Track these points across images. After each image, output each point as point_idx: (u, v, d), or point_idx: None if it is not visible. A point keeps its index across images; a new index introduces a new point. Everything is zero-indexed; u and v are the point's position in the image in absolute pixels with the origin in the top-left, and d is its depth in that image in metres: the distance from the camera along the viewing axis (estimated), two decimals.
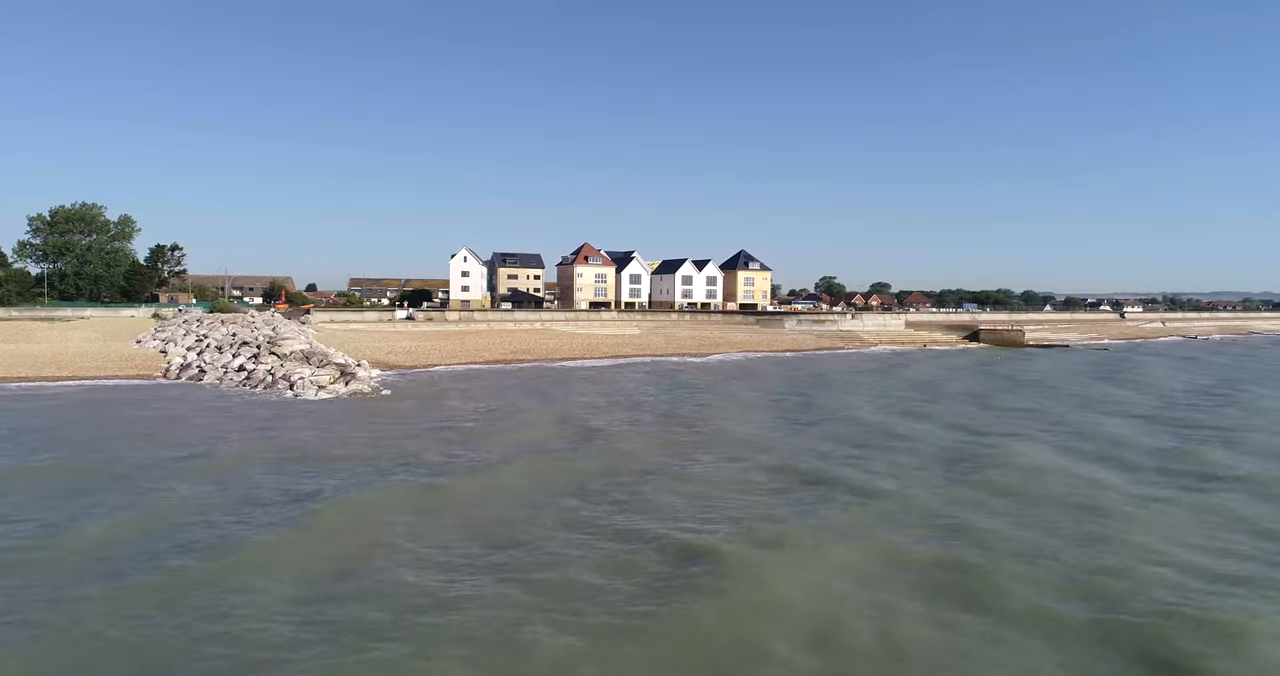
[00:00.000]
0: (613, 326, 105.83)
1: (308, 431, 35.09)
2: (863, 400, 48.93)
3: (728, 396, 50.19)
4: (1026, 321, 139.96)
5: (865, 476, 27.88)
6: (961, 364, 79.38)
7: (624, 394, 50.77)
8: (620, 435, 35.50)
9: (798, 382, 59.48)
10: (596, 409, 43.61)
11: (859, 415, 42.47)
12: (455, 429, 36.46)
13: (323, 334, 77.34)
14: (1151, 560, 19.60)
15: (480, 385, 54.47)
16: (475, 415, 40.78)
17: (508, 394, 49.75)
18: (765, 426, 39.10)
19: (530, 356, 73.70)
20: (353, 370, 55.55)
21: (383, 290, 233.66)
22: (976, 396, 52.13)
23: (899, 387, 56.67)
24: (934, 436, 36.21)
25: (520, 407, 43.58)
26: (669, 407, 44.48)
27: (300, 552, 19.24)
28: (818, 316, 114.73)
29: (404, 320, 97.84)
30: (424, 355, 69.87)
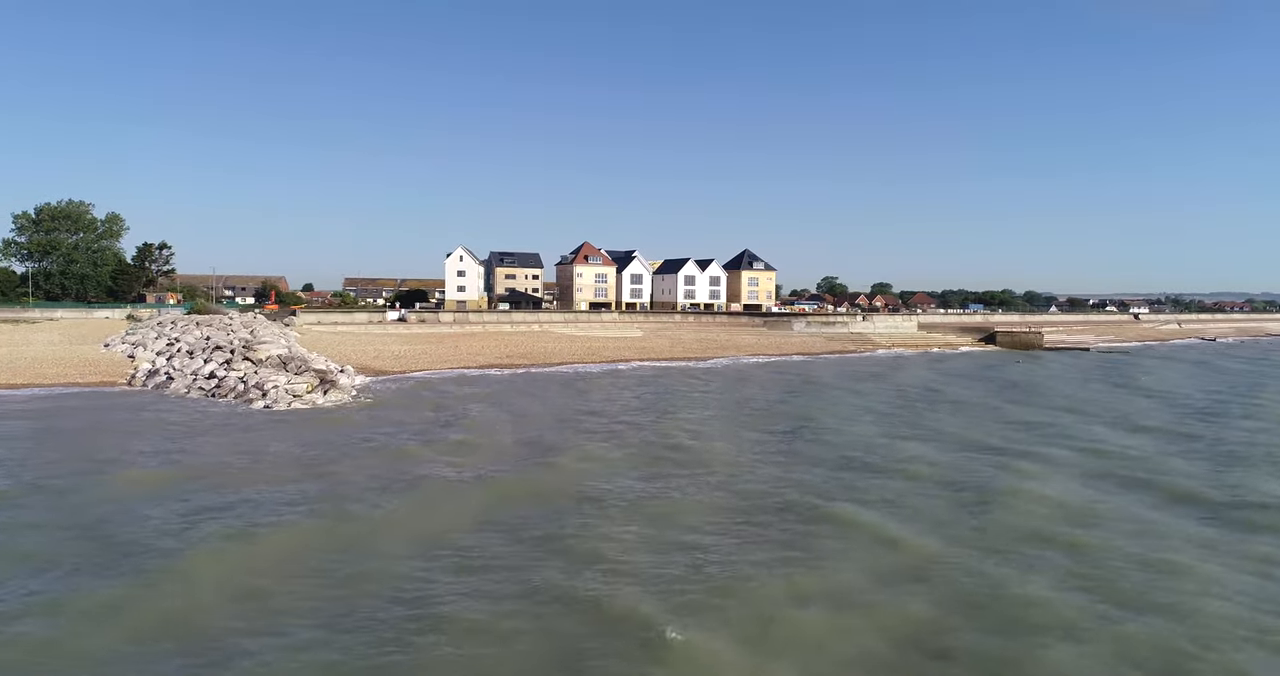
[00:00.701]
0: (614, 328, 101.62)
1: (242, 451, 30.96)
2: (879, 414, 44.74)
3: (730, 407, 46.01)
4: (1040, 323, 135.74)
5: (868, 516, 23.48)
6: (980, 369, 75.12)
7: (620, 404, 46.56)
8: (593, 457, 31.35)
9: (807, 392, 55.25)
10: (582, 423, 39.44)
11: (873, 435, 38.27)
12: (413, 446, 32.45)
13: (307, 337, 73.12)
14: (1238, 637, 15.44)
15: (467, 393, 50.34)
16: (444, 428, 36.70)
17: (493, 403, 45.58)
18: (768, 448, 34.88)
19: (526, 360, 69.50)
20: (333, 377, 51.39)
21: (378, 290, 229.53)
22: (998, 409, 47.86)
23: (917, 397, 52.44)
24: (957, 462, 31.93)
25: (498, 419, 39.46)
26: (660, 420, 40.33)
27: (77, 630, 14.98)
28: (827, 318, 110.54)
29: (395, 322, 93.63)
30: (414, 359, 65.68)
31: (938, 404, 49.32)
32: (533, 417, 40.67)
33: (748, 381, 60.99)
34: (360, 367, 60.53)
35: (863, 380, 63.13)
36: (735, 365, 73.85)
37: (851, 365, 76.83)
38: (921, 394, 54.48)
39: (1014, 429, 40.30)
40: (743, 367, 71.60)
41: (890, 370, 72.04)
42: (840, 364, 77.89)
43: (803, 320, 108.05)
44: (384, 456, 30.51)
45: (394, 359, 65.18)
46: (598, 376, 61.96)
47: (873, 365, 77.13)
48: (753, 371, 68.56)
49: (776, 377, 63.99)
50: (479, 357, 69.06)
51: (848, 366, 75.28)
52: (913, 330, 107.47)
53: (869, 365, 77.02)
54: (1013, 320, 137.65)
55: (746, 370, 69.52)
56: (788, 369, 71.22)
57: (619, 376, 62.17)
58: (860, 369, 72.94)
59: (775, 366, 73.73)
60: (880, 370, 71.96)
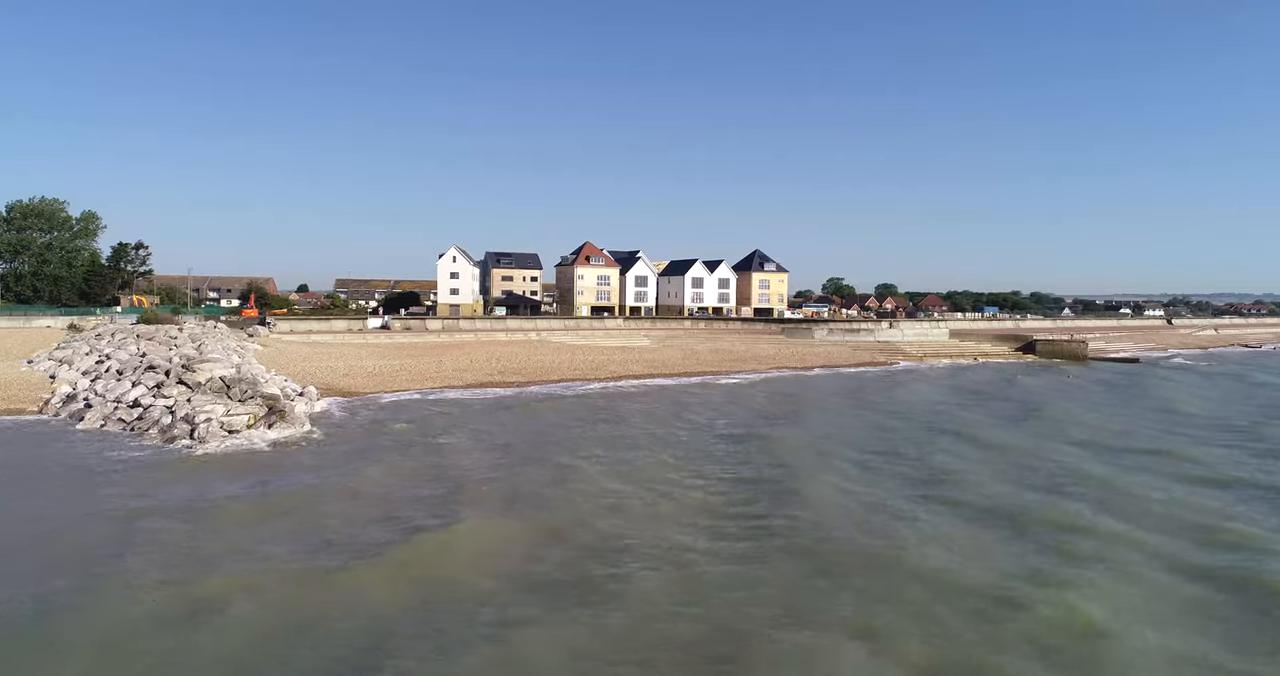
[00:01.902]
0: (618, 336, 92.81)
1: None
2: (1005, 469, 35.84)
3: (762, 452, 37.18)
4: (1073, 328, 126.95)
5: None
6: (1057, 389, 66.14)
7: (643, 450, 37.65)
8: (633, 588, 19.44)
9: (900, 432, 46.40)
10: (601, 493, 30.58)
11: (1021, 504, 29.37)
12: (338, 540, 23.52)
13: (272, 350, 64.27)
14: None
15: (444, 424, 41.60)
16: (401, 498, 27.76)
17: (475, 441, 36.78)
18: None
19: (519, 377, 60.68)
20: (284, 404, 42.60)
21: (370, 291, 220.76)
22: (1131, 452, 39.04)
23: (1100, 450, 43.54)
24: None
25: (476, 478, 30.58)
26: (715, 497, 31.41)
27: None
28: (850, 325, 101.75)
29: (378, 330, 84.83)
30: (390, 377, 56.88)
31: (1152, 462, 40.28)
32: (525, 473, 31.78)
33: (786, 409, 52.10)
34: (325, 388, 51.78)
35: (941, 408, 54.25)
36: (760, 381, 64.99)
37: (898, 383, 67.92)
38: (1069, 438, 45.59)
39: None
40: (772, 385, 62.74)
41: (957, 393, 63.11)
42: (881, 381, 68.95)
43: (824, 327, 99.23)
44: (274, 578, 19.61)
45: (367, 376, 56.37)
46: (605, 398, 53.16)
47: (923, 383, 68.21)
48: (785, 390, 59.68)
49: (823, 401, 55.04)
50: (465, 374, 60.25)
51: (894, 385, 66.35)
52: (944, 338, 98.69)
53: (919, 383, 68.10)
54: (1045, 326, 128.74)
55: (776, 388, 60.65)
56: (823, 387, 62.33)
57: (629, 399, 53.32)
58: (913, 388, 64.03)
59: (807, 384, 64.82)
60: (945, 394, 63.03)
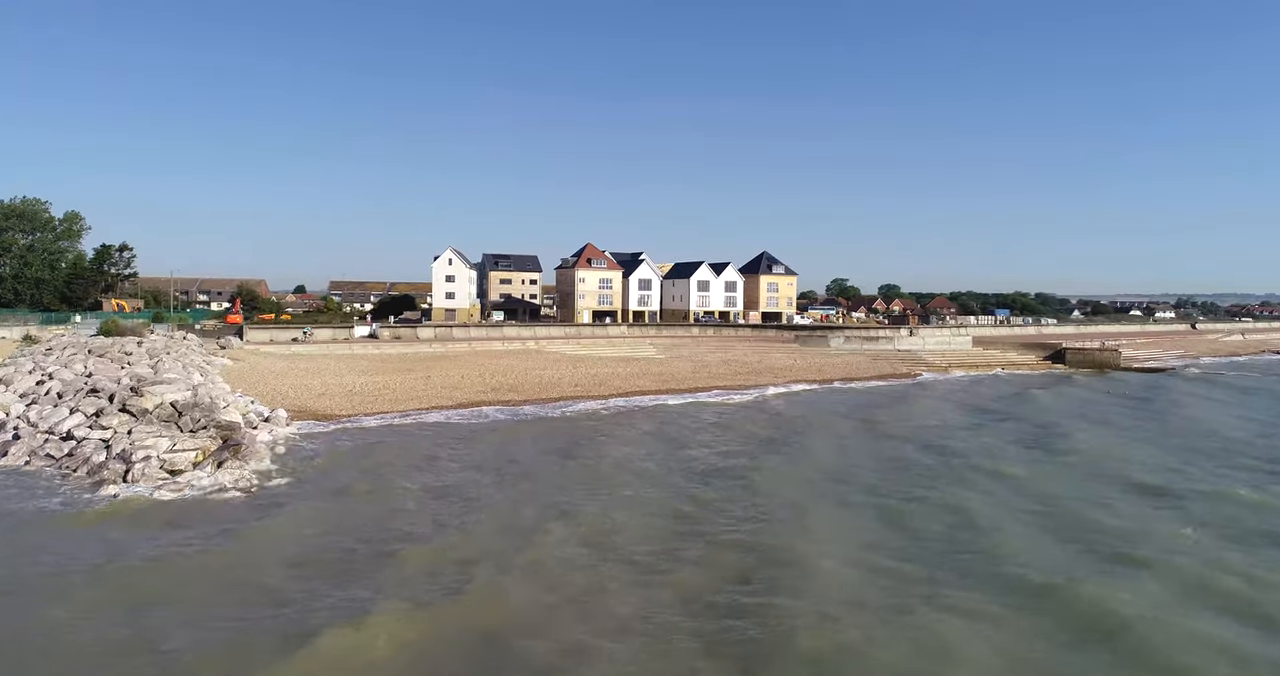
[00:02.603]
0: (623, 346, 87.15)
1: None
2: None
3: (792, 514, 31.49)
4: (1097, 335, 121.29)
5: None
6: (1113, 405, 60.46)
7: (617, 488, 31.94)
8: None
9: (879, 459, 40.74)
10: (629, 568, 24.94)
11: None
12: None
13: (243, 365, 58.60)
14: None
15: (416, 457, 36.08)
16: (312, 552, 22.22)
17: (436, 483, 31.12)
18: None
19: (515, 395, 55.04)
20: (243, 434, 37.01)
21: (365, 294, 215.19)
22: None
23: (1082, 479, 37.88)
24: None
25: (460, 553, 24.84)
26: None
27: None
28: (867, 333, 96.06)
29: (365, 339, 79.16)
30: (371, 397, 51.21)
31: None
32: (485, 539, 26.05)
33: (803, 437, 46.42)
34: (297, 410, 46.15)
35: (989, 428, 48.57)
36: (775, 397, 59.35)
37: (923, 400, 62.23)
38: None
39: None
40: (789, 403, 57.07)
41: (993, 415, 57.45)
42: (906, 398, 63.24)
43: (840, 335, 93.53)
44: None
45: (346, 396, 50.71)
46: (606, 422, 47.48)
47: (952, 401, 62.53)
48: (803, 410, 53.97)
49: (845, 427, 49.36)
50: (456, 392, 54.58)
51: (920, 403, 60.66)
52: (967, 347, 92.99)
53: (947, 401, 62.42)
54: (1068, 332, 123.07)
55: (794, 407, 54.96)
56: (845, 405, 56.63)
57: (633, 422, 47.66)
58: (941, 409, 58.36)
59: (826, 401, 59.13)
60: (979, 417, 57.36)
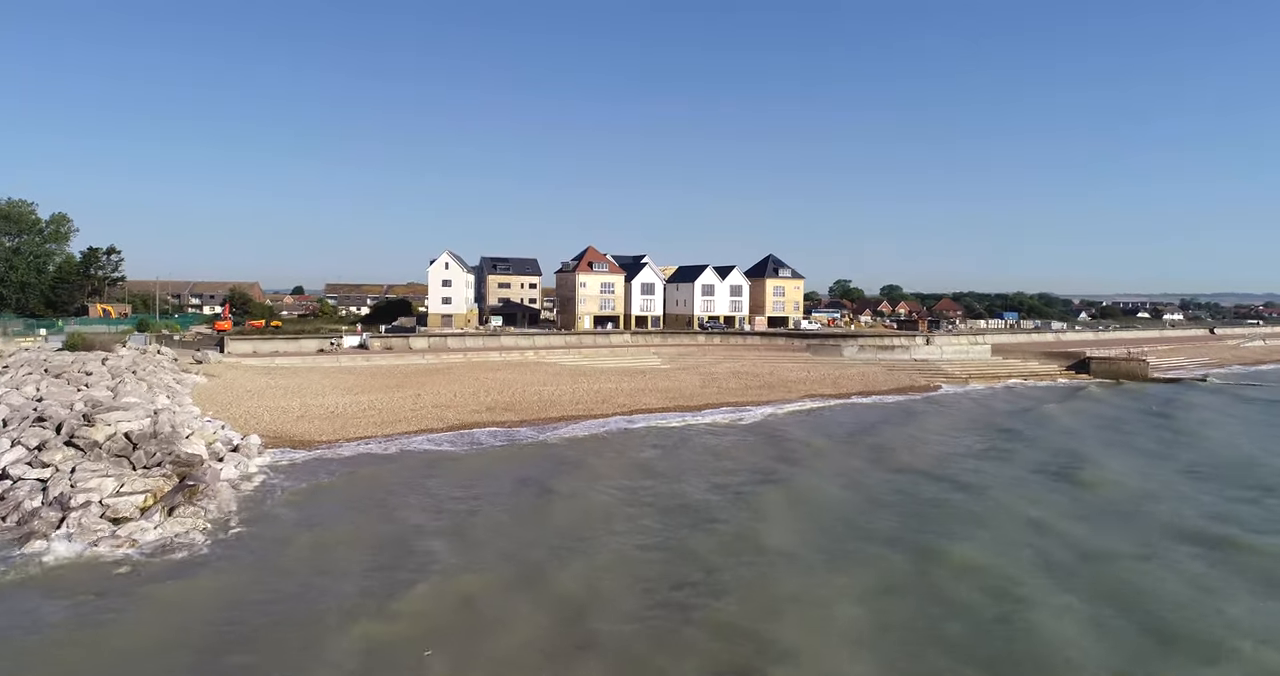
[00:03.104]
0: (626, 355, 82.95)
1: None
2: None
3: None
4: (1116, 341, 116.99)
5: None
6: (1120, 419, 56.29)
7: (608, 541, 27.77)
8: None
9: (914, 501, 36.53)
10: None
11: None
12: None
13: (220, 381, 54.40)
14: None
15: (392, 498, 31.95)
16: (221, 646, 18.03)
17: (412, 534, 26.95)
18: None
19: (511, 415, 50.87)
20: (205, 470, 32.92)
21: (362, 297, 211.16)
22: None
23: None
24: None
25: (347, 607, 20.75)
26: None
27: None
28: (882, 341, 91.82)
29: (354, 350, 74.92)
30: (355, 418, 47.02)
31: None
32: (481, 632, 22.02)
33: (818, 467, 42.21)
34: (273, 436, 42.02)
35: (1019, 477, 44.32)
36: (789, 416, 55.17)
37: (947, 417, 58.05)
38: None
39: None
40: (805, 421, 52.84)
41: (1022, 430, 53.25)
42: (929, 413, 59.01)
43: (854, 343, 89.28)
44: None
45: (327, 418, 46.50)
46: (608, 447, 43.32)
47: (980, 415, 58.34)
48: (820, 430, 49.72)
49: (871, 454, 45.12)
50: (447, 412, 50.38)
51: (944, 420, 56.48)
52: (986, 356, 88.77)
53: (976, 415, 58.24)
54: (1086, 339, 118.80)
55: (810, 427, 50.71)
56: (868, 422, 52.34)
57: (637, 447, 43.50)
58: (971, 426, 54.18)
59: (844, 418, 54.86)
60: (1006, 435, 53.14)
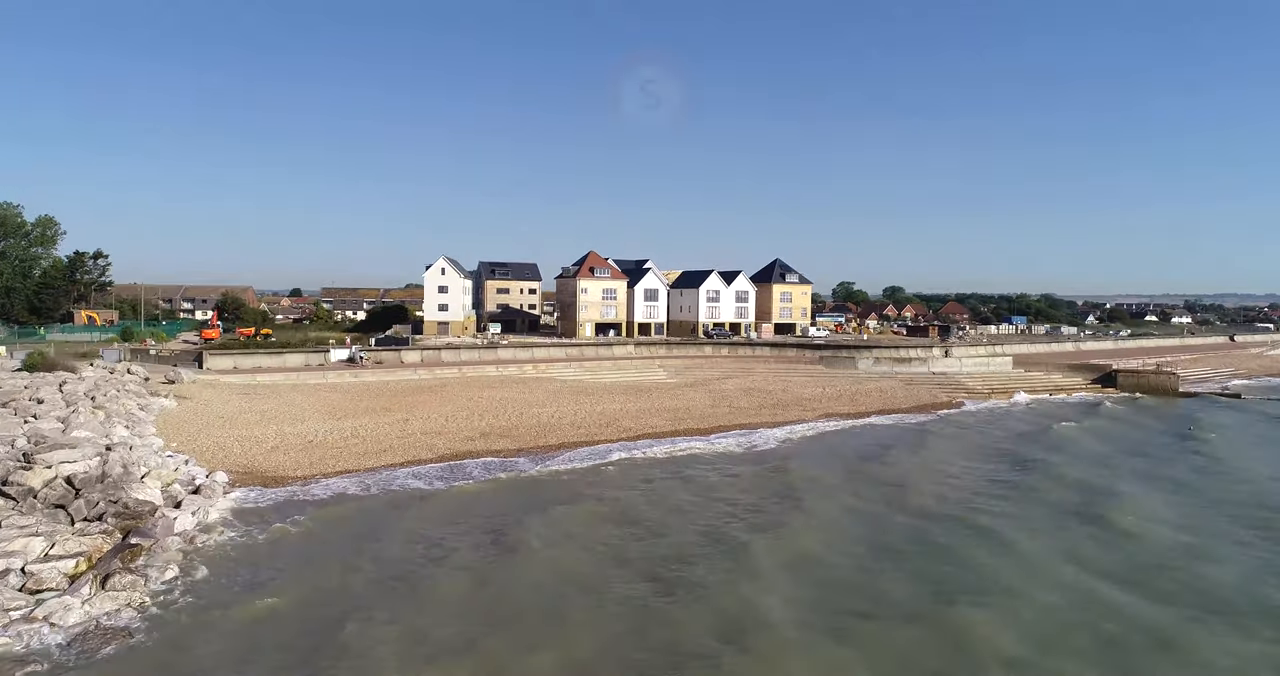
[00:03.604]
0: (630, 369, 78.79)
1: None
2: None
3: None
4: (1137, 351, 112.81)
5: None
6: (1155, 444, 52.07)
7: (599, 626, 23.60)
8: None
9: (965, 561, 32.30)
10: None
11: None
12: None
13: (190, 406, 50.21)
14: None
15: (360, 554, 27.78)
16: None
17: (372, 603, 22.77)
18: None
19: (508, 442, 46.69)
20: (155, 523, 28.81)
21: (358, 301, 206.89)
22: None
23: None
24: None
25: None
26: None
27: None
28: (899, 353, 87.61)
29: (343, 365, 70.70)
30: (335, 449, 42.81)
31: None
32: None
33: (843, 514, 38.01)
34: (242, 471, 37.87)
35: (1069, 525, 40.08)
36: (807, 441, 50.97)
37: (975, 436, 53.84)
38: None
39: None
40: (825, 446, 48.61)
41: (1052, 459, 49.00)
42: (959, 436, 54.80)
43: (869, 356, 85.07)
44: None
45: (304, 449, 42.27)
46: (614, 485, 39.13)
47: (1006, 436, 54.12)
48: (839, 458, 45.52)
49: (890, 492, 40.92)
50: (438, 439, 46.17)
51: (971, 440, 52.27)
52: (1008, 369, 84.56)
53: (1002, 436, 54.01)
54: (1106, 348, 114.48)
55: (832, 456, 46.50)
56: (888, 445, 48.11)
57: (645, 483, 39.31)
58: (996, 451, 49.95)
59: (866, 443, 50.57)
60: (1034, 468, 48.89)
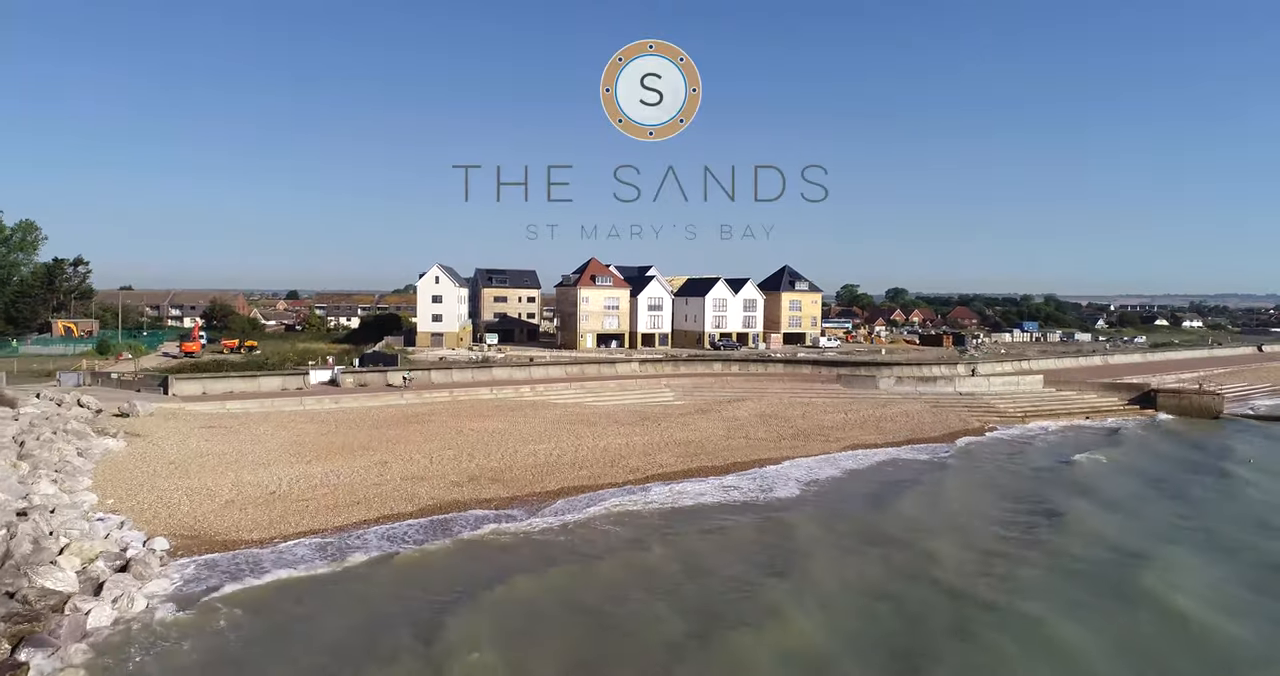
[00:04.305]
0: (635, 388, 73.38)
1: None
2: None
3: None
4: (1165, 364, 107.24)
5: None
6: (1221, 490, 46.46)
7: None
8: None
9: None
10: None
11: None
12: None
13: (140, 446, 44.62)
14: None
15: (298, 656, 22.28)
16: None
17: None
18: None
19: (501, 489, 41.19)
20: (62, 624, 23.38)
21: (353, 307, 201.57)
22: None
23: None
24: None
25: None
26: None
27: None
28: (921, 370, 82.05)
29: (322, 387, 65.19)
30: (300, 501, 37.27)
31: None
32: None
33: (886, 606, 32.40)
34: (187, 535, 32.42)
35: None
36: (836, 483, 45.44)
37: (1022, 474, 48.25)
38: None
39: None
40: (860, 487, 43.05)
41: (1118, 510, 43.41)
42: (1000, 472, 49.22)
43: (890, 374, 79.55)
44: None
45: (264, 502, 36.68)
46: (613, 550, 33.59)
47: (1053, 467, 48.57)
48: (877, 507, 39.96)
49: (934, 560, 35.33)
50: (421, 487, 40.59)
51: (1020, 481, 46.69)
52: (1039, 388, 79.04)
53: (1047, 467, 48.46)
54: (1134, 362, 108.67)
55: (866, 502, 40.96)
56: (925, 487, 42.55)
57: (649, 549, 33.76)
58: (1046, 506, 44.34)
59: (901, 486, 44.98)
60: (1097, 541, 43.22)
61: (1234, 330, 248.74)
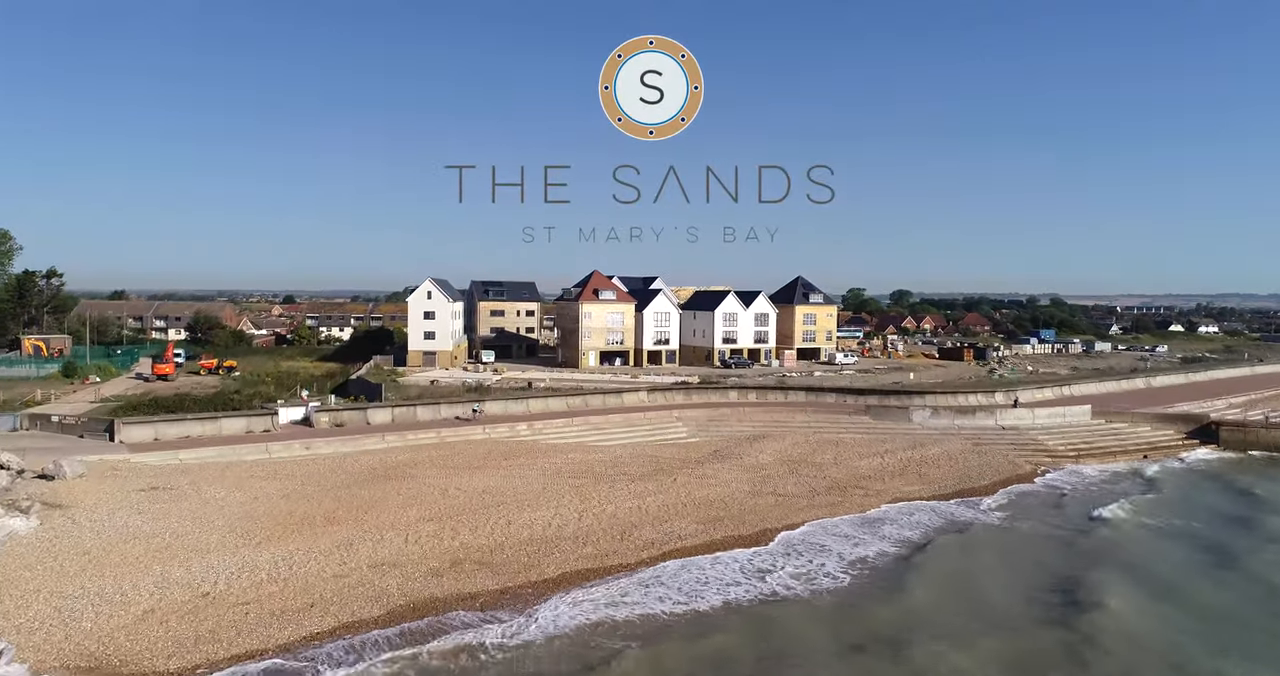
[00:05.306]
0: (643, 422, 66.30)
1: None
2: None
3: None
4: (1209, 384, 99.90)
5: None
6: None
7: None
8: None
9: None
10: None
11: None
12: None
13: (54, 528, 37.31)
14: None
15: None
16: None
17: None
18: None
19: (487, 575, 34.05)
20: None
21: (345, 318, 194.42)
22: None
23: None
24: None
25: None
26: None
27: None
28: (956, 399, 74.78)
29: (294, 427, 58.06)
30: (240, 606, 30.04)
31: None
32: None
33: None
34: (83, 666, 25.25)
35: None
36: (891, 559, 38.27)
37: (1111, 544, 41.05)
38: None
39: None
40: (924, 577, 35.91)
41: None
42: (1079, 537, 41.96)
43: (924, 405, 72.29)
44: None
45: (192, 611, 29.40)
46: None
47: (1144, 538, 41.36)
48: (971, 611, 32.85)
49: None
50: (391, 577, 33.36)
51: (1109, 553, 39.48)
52: (1086, 419, 71.73)
53: (1141, 539, 41.23)
54: (1176, 384, 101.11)
55: (936, 600, 33.84)
56: (997, 572, 35.31)
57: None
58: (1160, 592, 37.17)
59: (970, 555, 37.73)
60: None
61: (1253, 337, 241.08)
